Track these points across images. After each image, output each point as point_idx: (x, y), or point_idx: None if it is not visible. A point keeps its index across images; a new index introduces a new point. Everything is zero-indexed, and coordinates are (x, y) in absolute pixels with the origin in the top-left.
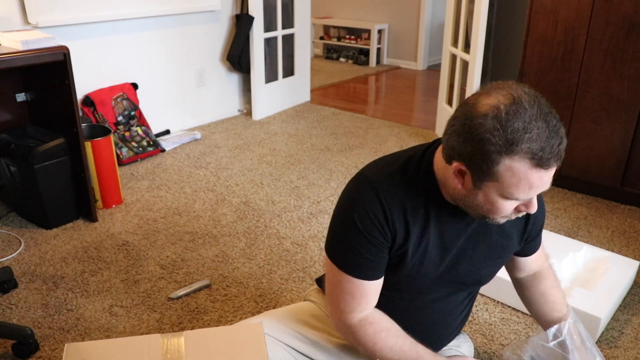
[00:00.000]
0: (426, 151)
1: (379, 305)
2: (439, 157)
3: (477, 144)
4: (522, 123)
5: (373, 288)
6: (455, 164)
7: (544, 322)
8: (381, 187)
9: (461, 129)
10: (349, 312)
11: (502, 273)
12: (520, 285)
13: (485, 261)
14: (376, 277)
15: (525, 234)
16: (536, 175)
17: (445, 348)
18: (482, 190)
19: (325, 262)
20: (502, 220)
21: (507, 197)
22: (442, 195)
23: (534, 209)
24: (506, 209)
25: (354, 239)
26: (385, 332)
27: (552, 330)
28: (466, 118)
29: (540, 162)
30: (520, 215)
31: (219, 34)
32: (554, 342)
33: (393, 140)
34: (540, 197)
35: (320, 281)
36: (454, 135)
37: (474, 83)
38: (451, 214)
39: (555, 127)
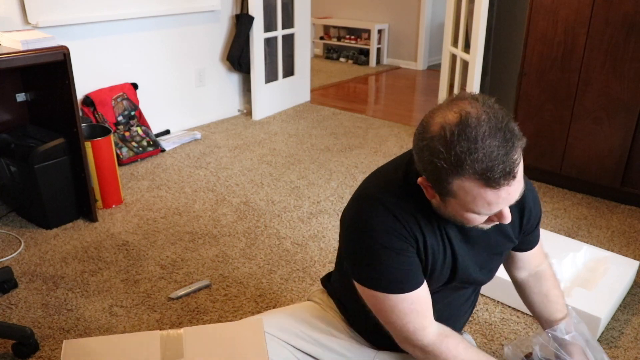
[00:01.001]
0: None
1: None
2: None
3: (428, 164)
4: (466, 144)
5: (427, 294)
6: (420, 179)
7: (546, 322)
8: (389, 202)
9: (416, 147)
10: (422, 329)
11: (502, 273)
12: (521, 287)
13: (487, 261)
14: (422, 282)
15: (522, 229)
16: (490, 193)
17: None
18: (448, 205)
19: (364, 294)
20: (486, 227)
21: (471, 212)
22: None
23: (505, 219)
24: (477, 221)
25: (383, 258)
26: (463, 343)
27: (562, 325)
28: (419, 138)
29: (489, 182)
30: (493, 224)
31: (219, 34)
32: (568, 335)
33: (393, 140)
34: (532, 191)
35: (326, 280)
36: (414, 151)
37: (474, 83)
38: (460, 230)
39: (507, 142)
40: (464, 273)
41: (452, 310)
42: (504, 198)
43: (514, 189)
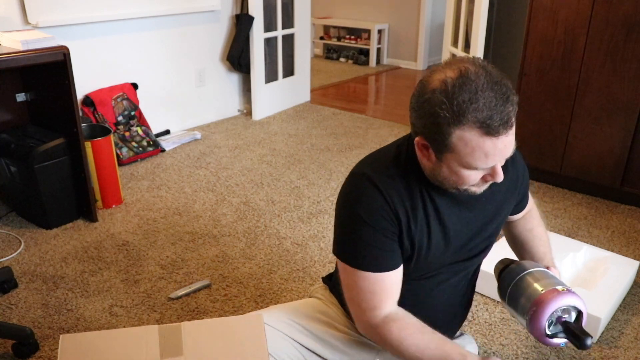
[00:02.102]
0: (410, 138)
1: None
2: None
3: (429, 117)
4: (468, 94)
5: (392, 280)
6: (417, 139)
7: (530, 256)
8: (379, 179)
9: (415, 104)
10: (371, 309)
11: None
12: (507, 225)
13: (482, 228)
14: (392, 268)
15: (516, 197)
16: (489, 143)
17: None
18: (444, 162)
19: (339, 267)
20: (478, 190)
21: (467, 167)
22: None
23: (499, 177)
24: (472, 179)
25: (362, 233)
26: (411, 328)
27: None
28: (419, 94)
29: (489, 131)
30: (487, 184)
31: (219, 34)
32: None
33: (393, 140)
34: (518, 156)
35: (327, 279)
36: (412, 111)
37: None
38: (443, 195)
39: (504, 95)
40: (457, 239)
41: (449, 299)
42: (501, 149)
43: (510, 141)
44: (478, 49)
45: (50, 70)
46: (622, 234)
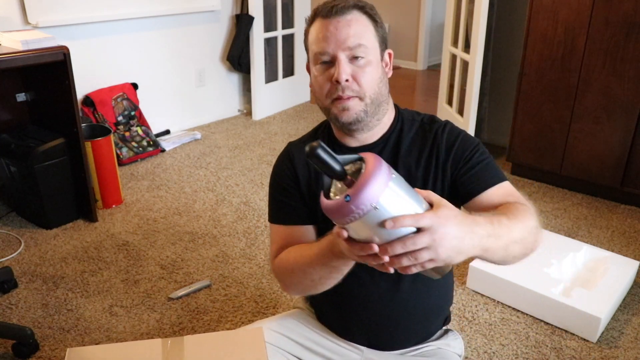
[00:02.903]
0: None
1: (334, 294)
2: None
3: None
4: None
5: (294, 235)
6: (306, 64)
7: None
8: (292, 146)
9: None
10: (272, 258)
11: (502, 273)
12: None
13: None
14: (294, 222)
15: (445, 172)
16: (320, 24)
17: (432, 346)
18: (311, 69)
19: None
20: (347, 112)
21: (315, 61)
22: (343, 143)
23: (337, 73)
24: (321, 79)
25: (272, 190)
26: (286, 253)
27: None
28: None
29: (322, 14)
30: (338, 89)
31: (219, 34)
32: None
33: None
34: (455, 130)
35: None
36: None
37: (474, 83)
38: None
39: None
40: None
41: (402, 298)
42: (333, 31)
43: (343, 29)
44: (478, 49)
45: (50, 70)
46: (622, 234)
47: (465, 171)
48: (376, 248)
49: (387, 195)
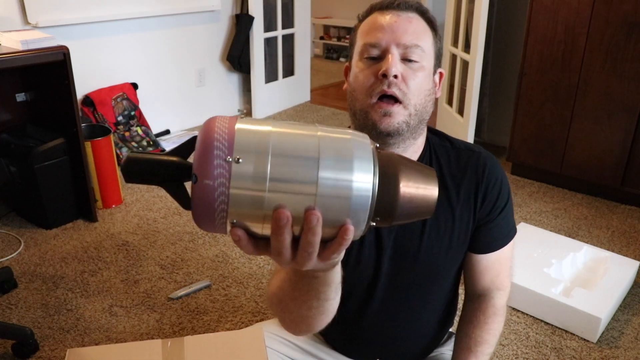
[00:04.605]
0: None
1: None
2: None
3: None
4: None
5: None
6: (345, 66)
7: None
8: None
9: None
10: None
11: None
12: (466, 305)
13: (431, 242)
14: None
15: (476, 214)
16: (377, 16)
17: (435, 352)
18: (351, 66)
19: None
20: (388, 118)
21: (362, 55)
22: None
23: (387, 65)
24: (365, 74)
25: None
26: (274, 278)
27: None
28: None
29: (379, 7)
30: (384, 84)
31: (219, 34)
32: None
33: None
34: (500, 171)
35: None
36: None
37: (474, 83)
38: None
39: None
40: (400, 259)
41: (404, 327)
42: (390, 23)
43: (402, 23)
44: (478, 49)
45: (50, 70)
46: (622, 234)
47: (489, 220)
48: (287, 213)
49: (242, 136)
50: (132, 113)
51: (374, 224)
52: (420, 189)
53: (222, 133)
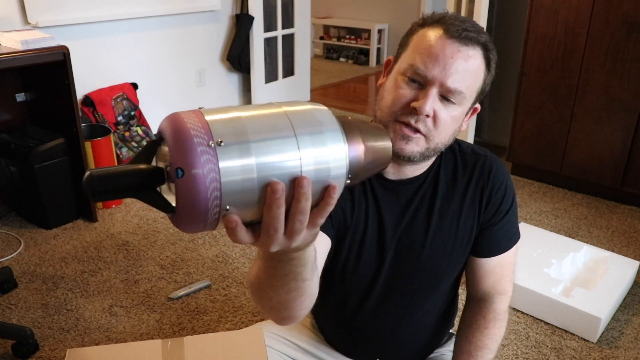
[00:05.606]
0: None
1: (324, 316)
2: None
3: (407, 32)
4: (441, 13)
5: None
6: (386, 60)
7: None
8: None
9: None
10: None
11: None
12: (466, 309)
13: (435, 245)
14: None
15: (480, 217)
16: (439, 39)
17: (436, 352)
18: (391, 74)
19: None
20: (405, 144)
21: (404, 72)
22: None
23: (421, 104)
24: (399, 94)
25: None
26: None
27: None
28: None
29: (448, 28)
30: (412, 116)
31: (219, 34)
32: None
33: None
34: (506, 175)
35: None
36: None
37: None
38: (392, 192)
39: (474, 24)
40: (401, 260)
41: (402, 327)
42: (446, 56)
43: (457, 61)
44: None
45: (50, 70)
46: (622, 234)
47: (492, 223)
48: (281, 183)
49: (214, 121)
50: (132, 113)
51: (349, 181)
52: (379, 143)
53: (194, 123)
